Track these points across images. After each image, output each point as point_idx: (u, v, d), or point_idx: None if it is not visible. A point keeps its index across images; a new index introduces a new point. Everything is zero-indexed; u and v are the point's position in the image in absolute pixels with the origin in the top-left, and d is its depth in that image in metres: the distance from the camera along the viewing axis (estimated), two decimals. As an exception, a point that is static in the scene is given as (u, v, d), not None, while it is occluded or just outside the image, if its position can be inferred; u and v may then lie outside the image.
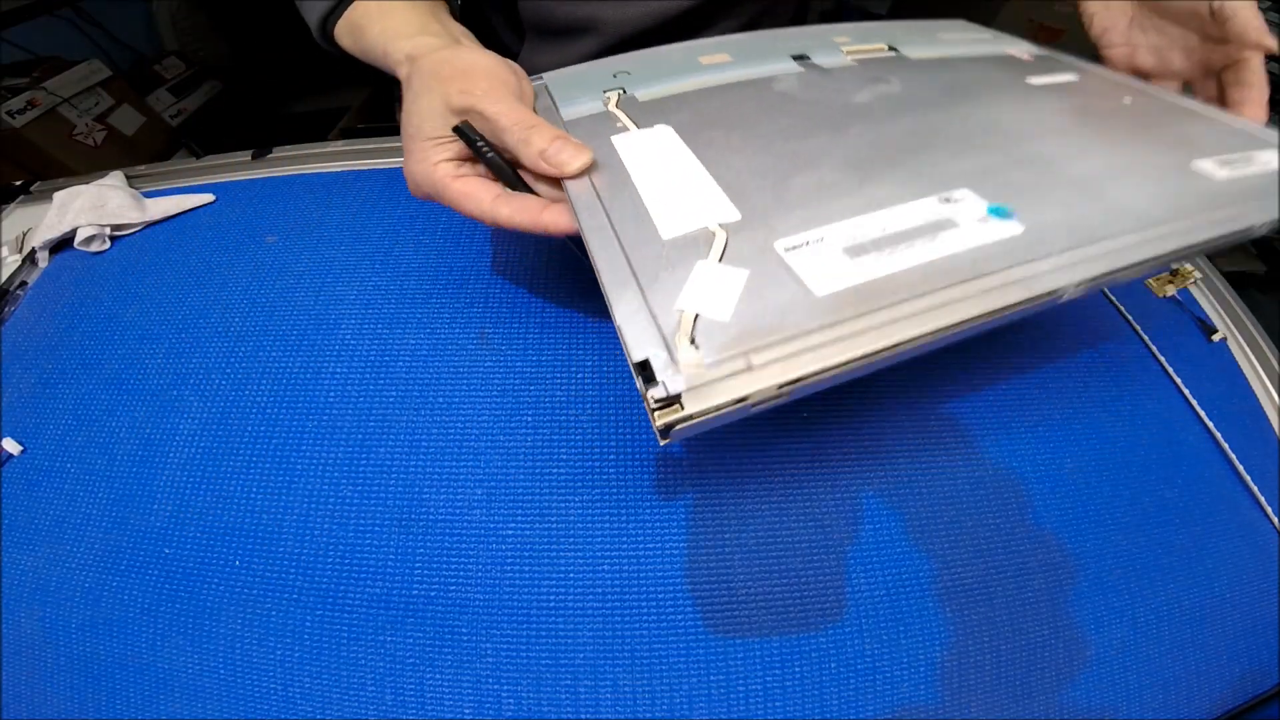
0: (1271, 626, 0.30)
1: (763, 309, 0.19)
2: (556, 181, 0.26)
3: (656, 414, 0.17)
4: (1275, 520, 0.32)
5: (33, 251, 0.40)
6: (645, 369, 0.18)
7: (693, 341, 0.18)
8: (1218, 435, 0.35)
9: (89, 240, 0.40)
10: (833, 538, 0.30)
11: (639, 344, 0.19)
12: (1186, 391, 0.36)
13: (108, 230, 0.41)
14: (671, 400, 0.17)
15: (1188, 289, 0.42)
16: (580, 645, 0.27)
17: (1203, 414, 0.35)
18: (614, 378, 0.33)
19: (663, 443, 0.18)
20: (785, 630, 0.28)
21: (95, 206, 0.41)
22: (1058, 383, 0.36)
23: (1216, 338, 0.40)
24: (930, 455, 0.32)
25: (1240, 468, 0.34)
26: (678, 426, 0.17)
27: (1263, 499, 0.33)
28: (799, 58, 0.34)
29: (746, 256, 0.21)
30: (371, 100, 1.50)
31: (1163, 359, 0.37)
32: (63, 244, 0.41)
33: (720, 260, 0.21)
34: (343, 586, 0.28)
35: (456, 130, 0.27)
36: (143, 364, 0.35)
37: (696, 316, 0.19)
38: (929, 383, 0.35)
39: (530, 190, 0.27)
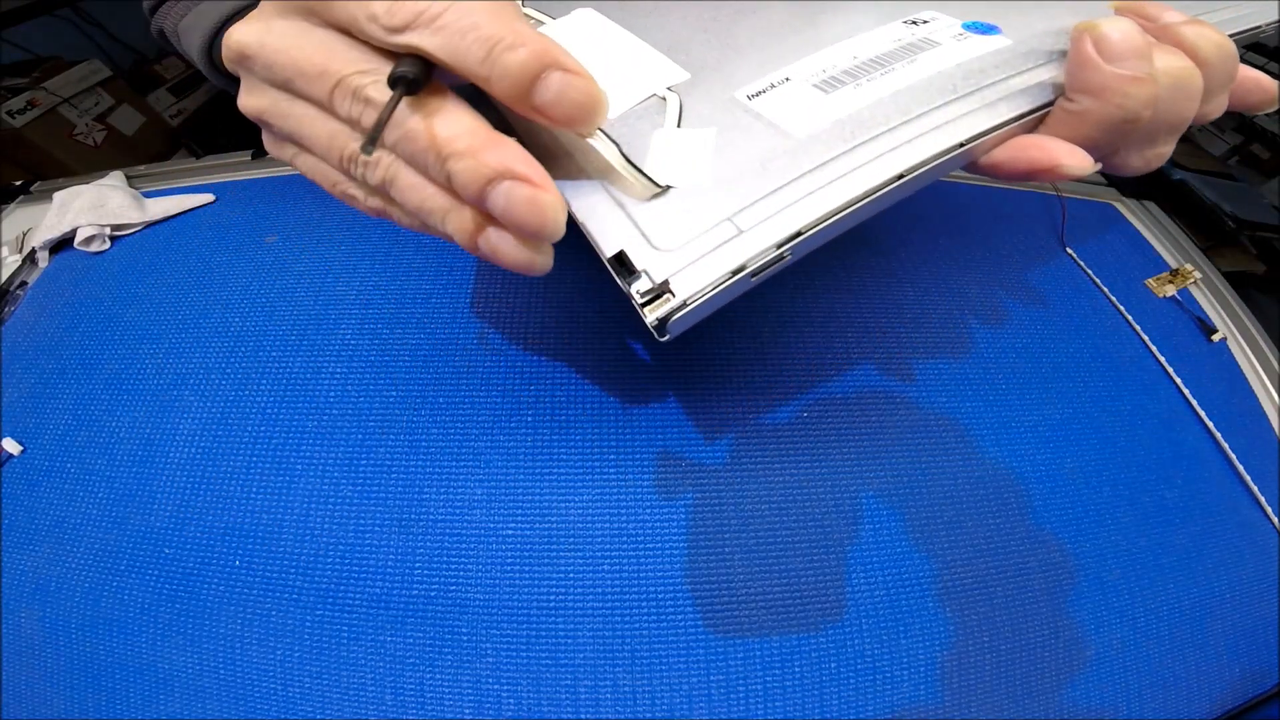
0: (1271, 626, 0.30)
1: (742, 165, 0.17)
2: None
3: (646, 310, 0.15)
4: (1275, 520, 0.32)
5: (33, 251, 0.40)
6: (623, 262, 0.16)
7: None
8: (1218, 435, 0.35)
9: (89, 240, 0.40)
10: (833, 538, 0.30)
11: (610, 237, 0.16)
12: (1186, 391, 0.36)
13: (108, 230, 0.41)
14: (660, 291, 0.15)
15: (1188, 289, 0.42)
16: (580, 645, 0.27)
17: (1203, 414, 0.35)
18: (614, 377, 0.33)
19: (662, 339, 0.16)
20: (785, 630, 0.28)
21: (95, 206, 0.41)
22: (1058, 383, 0.36)
23: (1216, 338, 0.40)
24: (930, 455, 0.32)
25: (1240, 468, 0.34)
26: (675, 318, 0.15)
27: (1263, 499, 0.33)
28: None
29: (708, 115, 0.19)
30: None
31: (1163, 359, 0.37)
32: (63, 244, 0.41)
33: (679, 125, 0.19)
34: (343, 586, 0.28)
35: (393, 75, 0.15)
36: (143, 364, 0.35)
37: (666, 189, 0.17)
38: (929, 382, 0.35)
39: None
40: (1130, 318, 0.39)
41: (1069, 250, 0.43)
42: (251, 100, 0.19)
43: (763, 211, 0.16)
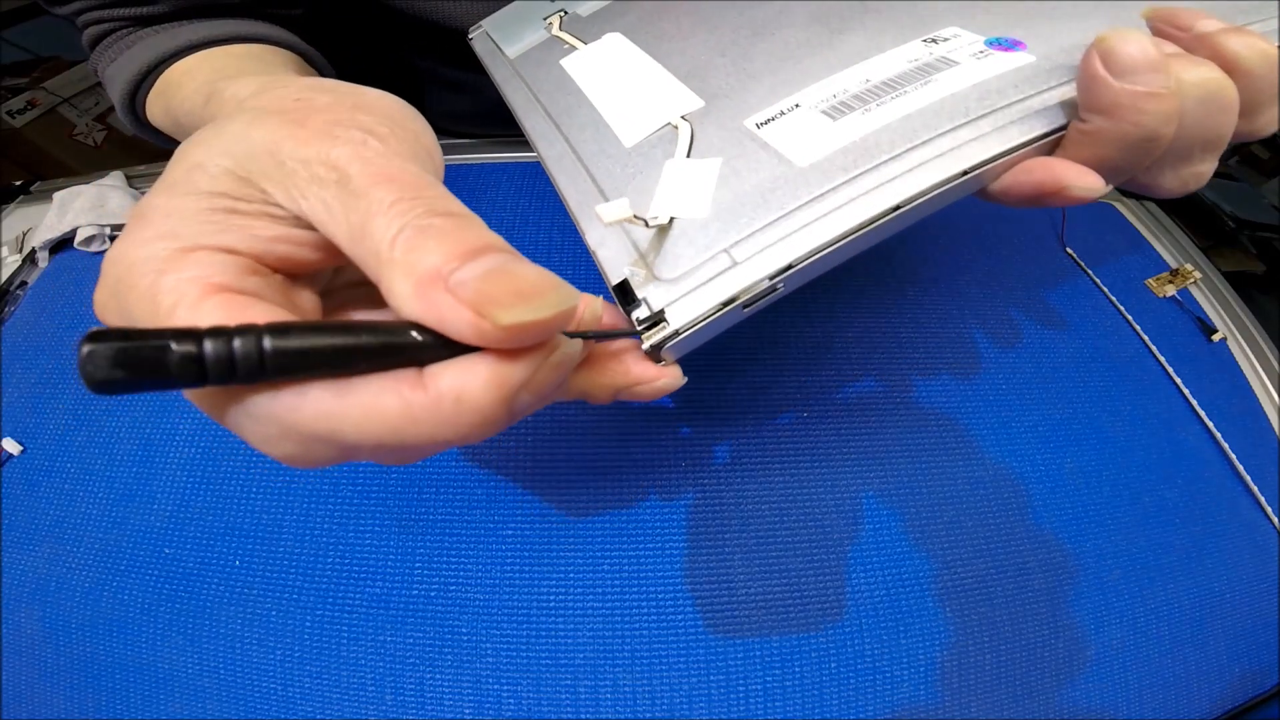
0: (1271, 626, 0.30)
1: (744, 195, 0.18)
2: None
3: (644, 337, 0.16)
4: (1275, 520, 0.32)
5: (33, 251, 0.40)
6: (625, 292, 0.17)
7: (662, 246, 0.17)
8: (1218, 435, 0.35)
9: (89, 240, 0.40)
10: (833, 538, 0.30)
11: (616, 266, 0.17)
12: (1186, 391, 0.36)
13: (108, 230, 0.41)
14: (657, 319, 0.16)
15: (1188, 289, 0.42)
16: (580, 645, 0.27)
17: (1203, 414, 0.35)
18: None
19: (658, 365, 0.17)
20: (785, 630, 0.28)
21: (95, 206, 0.41)
22: (1058, 383, 0.36)
23: (1216, 338, 0.40)
24: (930, 455, 0.32)
25: (1240, 468, 0.34)
26: (669, 344, 0.16)
27: (1263, 499, 0.33)
28: None
29: (718, 143, 0.19)
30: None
31: (1163, 359, 0.37)
32: (63, 244, 0.41)
33: (689, 154, 0.19)
34: (343, 587, 0.28)
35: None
36: (143, 364, 0.34)
37: (672, 220, 0.18)
38: (928, 382, 0.35)
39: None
40: (1130, 318, 0.39)
41: (1069, 250, 0.43)
42: None
43: (759, 243, 0.16)
